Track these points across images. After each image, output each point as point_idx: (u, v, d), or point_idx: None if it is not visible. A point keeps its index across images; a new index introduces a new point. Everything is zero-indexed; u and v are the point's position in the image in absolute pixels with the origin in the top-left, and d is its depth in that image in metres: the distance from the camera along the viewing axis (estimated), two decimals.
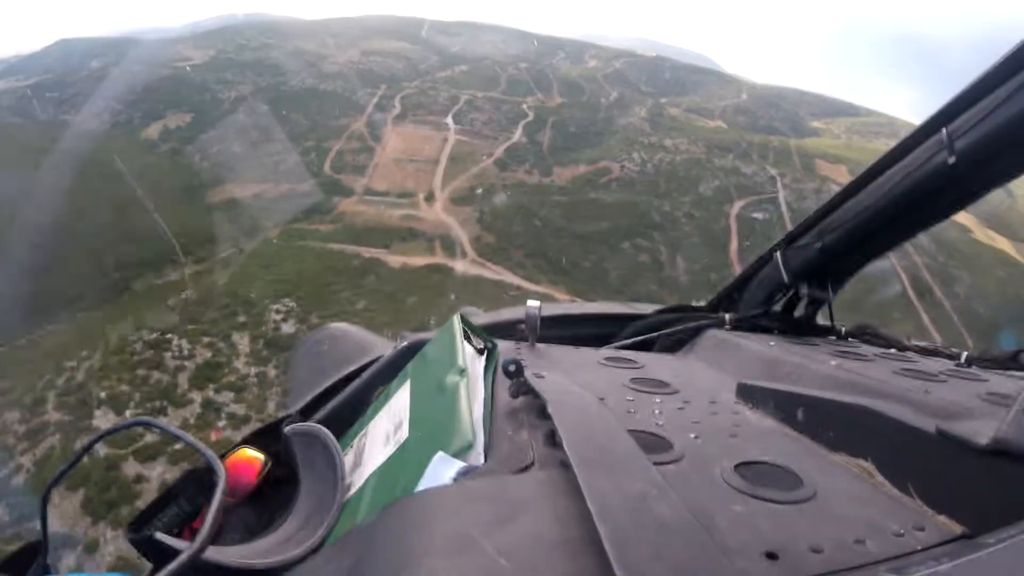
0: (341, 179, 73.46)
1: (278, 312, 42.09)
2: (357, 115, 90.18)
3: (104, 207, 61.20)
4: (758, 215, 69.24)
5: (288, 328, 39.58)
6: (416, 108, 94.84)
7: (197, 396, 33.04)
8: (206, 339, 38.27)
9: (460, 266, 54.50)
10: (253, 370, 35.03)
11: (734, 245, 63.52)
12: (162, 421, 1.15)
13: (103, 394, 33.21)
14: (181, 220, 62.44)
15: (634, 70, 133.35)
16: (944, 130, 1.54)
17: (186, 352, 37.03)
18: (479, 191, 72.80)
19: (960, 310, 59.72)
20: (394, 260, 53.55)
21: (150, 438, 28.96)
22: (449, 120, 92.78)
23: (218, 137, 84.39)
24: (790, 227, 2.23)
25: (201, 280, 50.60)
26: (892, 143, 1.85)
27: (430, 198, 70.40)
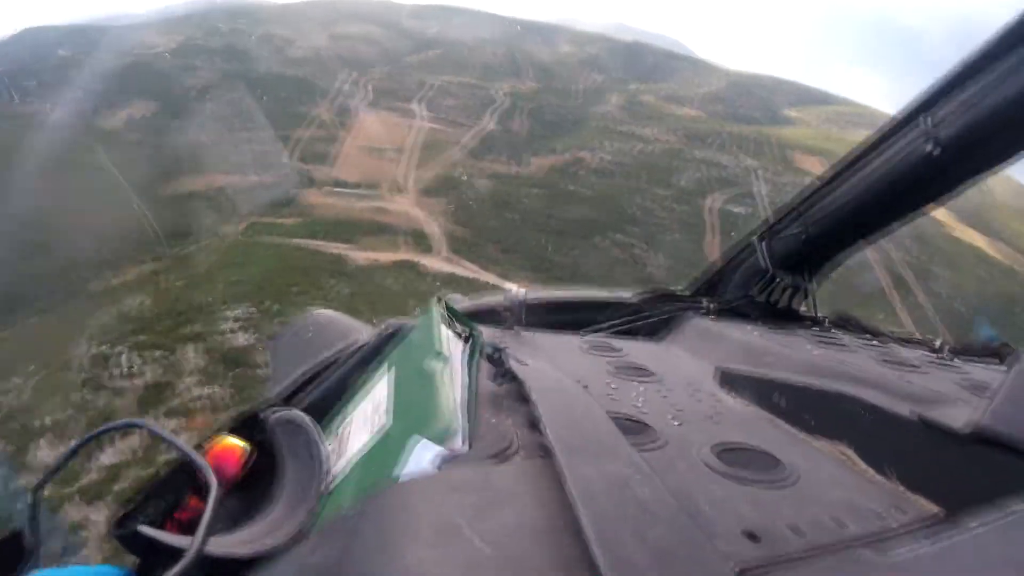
0: (308, 169, 70.06)
1: (235, 320, 38.66)
2: (325, 102, 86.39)
3: (63, 202, 57.64)
4: (737, 209, 67.22)
5: (244, 339, 36.21)
6: (386, 94, 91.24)
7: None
8: (156, 352, 34.62)
9: (432, 263, 51.66)
10: (204, 391, 31.60)
11: (713, 240, 61.41)
12: (155, 424, 1.15)
13: (44, 421, 29.67)
14: (143, 215, 59.23)
15: (609, 55, 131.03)
16: (927, 119, 1.58)
17: (134, 369, 33.46)
18: (461, 178, 70.13)
19: (942, 309, 58.58)
20: (361, 257, 50.42)
21: (96, 475, 25.57)
22: (420, 107, 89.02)
23: (183, 127, 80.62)
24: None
25: (159, 281, 47.25)
26: (867, 134, 1.85)
27: (399, 189, 67.32)
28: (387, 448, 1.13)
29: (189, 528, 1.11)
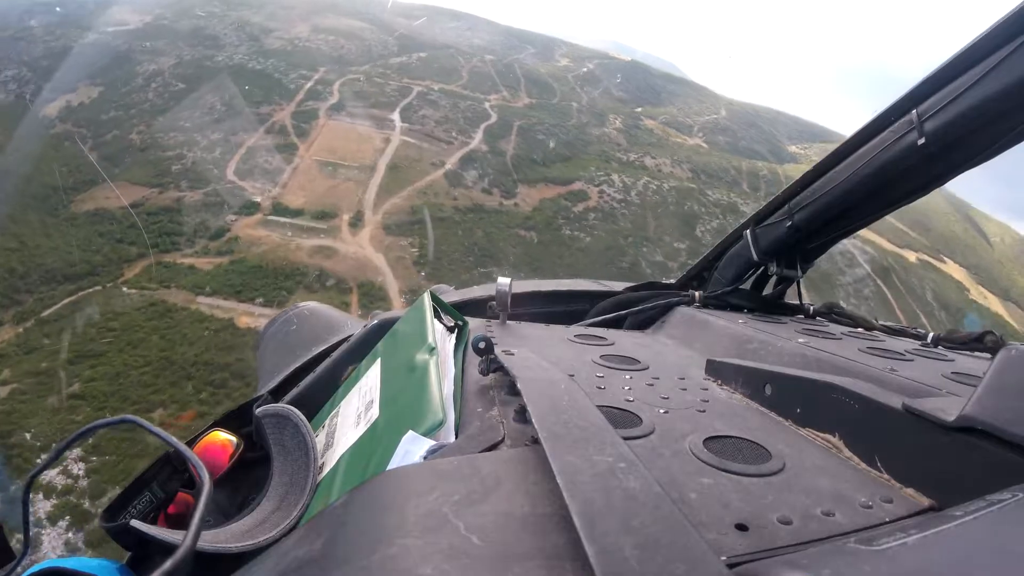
0: (245, 188, 54.53)
1: (47, 491, 23.12)
2: (285, 102, 70.14)
3: None
4: None
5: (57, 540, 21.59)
6: (358, 98, 75.62)
7: None
8: None
9: None
10: None
11: None
12: (145, 420, 1.09)
13: None
14: (30, 242, 45.45)
15: (608, 74, 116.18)
16: (914, 111, 1.60)
17: None
18: (434, 210, 55.30)
19: None
20: None
21: None
22: (396, 116, 73.63)
23: (117, 120, 66.20)
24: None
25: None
26: None
27: (356, 221, 52.22)
28: (376, 440, 1.12)
29: (179, 522, 1.18)
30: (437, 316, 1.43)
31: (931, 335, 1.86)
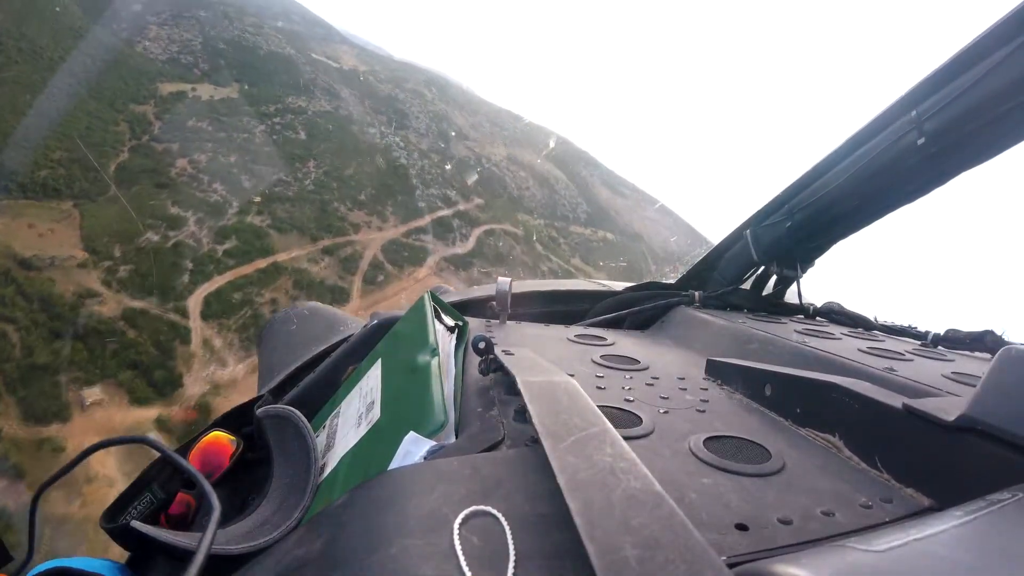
0: (192, 331, 29.80)
1: None
2: (395, 222, 47.25)
3: None
4: None
5: None
6: (495, 259, 53.11)
7: None
8: None
9: None
10: None
11: None
12: (159, 441, 1.10)
13: None
14: None
15: None
16: (914, 111, 1.55)
17: None
18: None
19: None
20: None
21: None
22: None
23: (196, 133, 48.44)
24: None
25: None
26: None
27: None
28: (377, 441, 1.08)
29: (180, 522, 1.16)
30: (437, 316, 1.36)
31: (931, 335, 1.80)
